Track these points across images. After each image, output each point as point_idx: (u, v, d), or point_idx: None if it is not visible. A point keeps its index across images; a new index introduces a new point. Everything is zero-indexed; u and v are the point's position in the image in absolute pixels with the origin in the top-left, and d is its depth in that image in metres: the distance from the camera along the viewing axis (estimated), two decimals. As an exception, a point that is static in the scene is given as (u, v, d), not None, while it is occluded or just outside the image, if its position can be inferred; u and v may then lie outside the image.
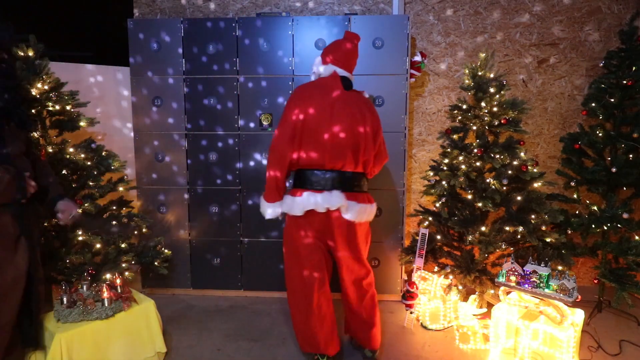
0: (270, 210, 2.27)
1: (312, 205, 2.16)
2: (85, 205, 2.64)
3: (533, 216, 2.71)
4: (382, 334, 2.75)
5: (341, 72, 2.23)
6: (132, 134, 3.27)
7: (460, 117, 2.95)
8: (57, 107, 2.65)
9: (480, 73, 2.87)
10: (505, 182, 2.73)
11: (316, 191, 2.17)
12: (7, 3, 4.94)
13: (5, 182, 1.79)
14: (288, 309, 3.11)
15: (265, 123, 3.14)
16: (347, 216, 2.19)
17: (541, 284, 2.33)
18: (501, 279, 2.46)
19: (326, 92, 2.16)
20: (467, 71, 2.92)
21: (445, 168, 2.92)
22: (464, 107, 2.91)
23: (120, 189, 2.86)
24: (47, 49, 2.70)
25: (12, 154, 1.90)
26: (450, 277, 2.84)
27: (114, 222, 2.81)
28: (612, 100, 2.93)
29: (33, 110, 2.67)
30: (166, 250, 3.22)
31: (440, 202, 2.99)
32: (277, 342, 2.68)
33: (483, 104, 2.84)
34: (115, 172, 2.83)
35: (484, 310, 2.83)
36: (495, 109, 2.82)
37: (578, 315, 2.31)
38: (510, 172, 2.74)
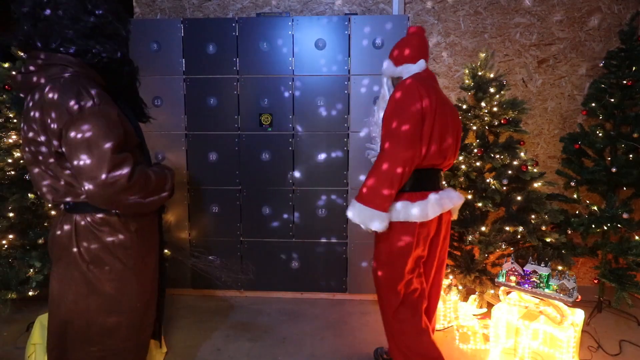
0: (382, 220, 1.87)
1: (443, 206, 1.98)
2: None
3: (533, 216, 2.71)
4: (382, 334, 2.75)
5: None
6: (132, 134, 3.27)
7: (460, 117, 2.95)
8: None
9: (480, 73, 2.87)
10: (505, 182, 2.73)
11: (435, 191, 2.00)
12: (7, 3, 4.93)
13: (171, 178, 1.63)
14: (288, 309, 3.12)
15: (265, 123, 3.14)
16: (455, 214, 2.14)
17: (541, 284, 2.33)
18: (501, 279, 2.46)
19: (438, 88, 2.05)
20: (467, 71, 2.92)
21: (445, 168, 2.92)
22: (464, 107, 2.91)
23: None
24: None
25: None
26: (450, 277, 2.83)
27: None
28: (612, 100, 2.93)
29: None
30: (166, 250, 3.22)
31: (440, 202, 2.98)
32: (277, 342, 2.68)
33: (483, 104, 2.84)
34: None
35: (484, 310, 2.83)
36: (495, 109, 2.82)
37: (578, 315, 2.31)
38: (510, 172, 2.74)
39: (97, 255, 1.46)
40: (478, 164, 2.83)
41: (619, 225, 2.82)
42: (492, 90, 2.82)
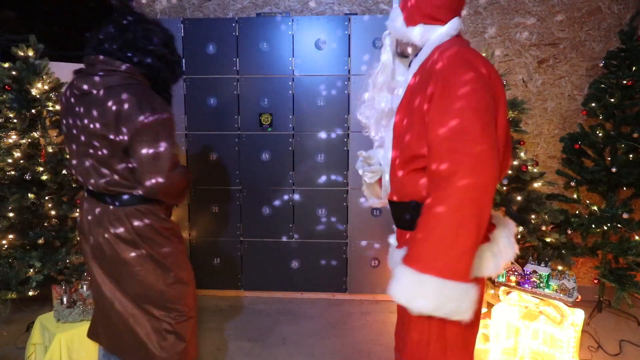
0: (473, 298, 1.11)
1: (514, 245, 1.36)
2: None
3: (533, 216, 2.71)
4: (382, 334, 2.76)
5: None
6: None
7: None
8: (57, 107, 2.65)
9: (480, 73, 2.86)
10: (505, 182, 2.73)
11: (494, 224, 1.35)
12: (7, 3, 4.93)
13: (189, 179, 1.77)
14: (288, 309, 3.12)
15: (265, 123, 3.14)
16: None
17: (541, 284, 2.33)
18: (501, 279, 2.46)
19: None
20: (467, 71, 2.91)
21: (445, 168, 2.92)
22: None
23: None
24: (47, 49, 2.70)
25: None
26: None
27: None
28: (612, 100, 2.93)
29: (33, 110, 2.67)
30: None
31: (440, 202, 2.98)
32: (277, 342, 2.68)
33: (483, 104, 2.84)
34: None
35: (484, 310, 2.83)
36: (495, 109, 2.82)
37: (578, 315, 2.31)
38: (510, 172, 2.74)
39: (159, 243, 1.71)
40: (478, 164, 2.83)
41: (619, 225, 2.82)
42: (492, 90, 2.82)
